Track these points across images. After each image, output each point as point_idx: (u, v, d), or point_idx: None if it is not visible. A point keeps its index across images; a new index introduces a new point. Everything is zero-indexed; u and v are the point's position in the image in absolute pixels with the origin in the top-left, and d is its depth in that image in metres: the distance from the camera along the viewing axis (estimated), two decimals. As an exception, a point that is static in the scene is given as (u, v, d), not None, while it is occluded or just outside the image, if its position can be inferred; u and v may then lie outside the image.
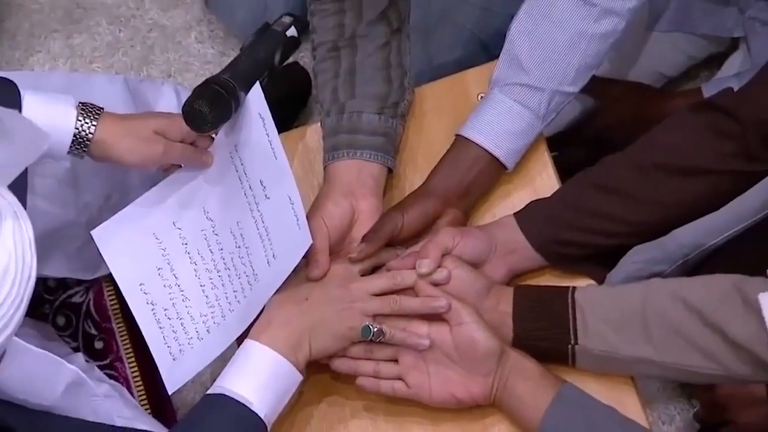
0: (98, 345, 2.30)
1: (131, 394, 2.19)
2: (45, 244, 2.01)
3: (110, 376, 2.18)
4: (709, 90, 2.20)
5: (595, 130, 2.22)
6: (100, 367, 2.21)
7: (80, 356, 2.16)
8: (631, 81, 2.28)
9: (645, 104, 2.23)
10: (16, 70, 2.51)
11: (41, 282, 2.27)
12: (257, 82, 1.79)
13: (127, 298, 1.83)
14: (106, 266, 1.81)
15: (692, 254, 1.93)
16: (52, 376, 1.88)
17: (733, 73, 2.23)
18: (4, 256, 1.33)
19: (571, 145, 2.21)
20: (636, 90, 2.27)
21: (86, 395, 1.92)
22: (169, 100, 2.12)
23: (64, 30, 2.56)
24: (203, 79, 1.78)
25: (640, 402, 1.76)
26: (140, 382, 2.25)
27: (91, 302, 2.32)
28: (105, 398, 1.98)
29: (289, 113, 2.40)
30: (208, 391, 1.71)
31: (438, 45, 2.28)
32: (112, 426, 1.92)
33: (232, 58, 1.85)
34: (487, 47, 2.12)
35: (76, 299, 2.32)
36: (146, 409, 2.15)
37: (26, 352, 1.86)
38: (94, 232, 1.81)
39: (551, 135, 2.15)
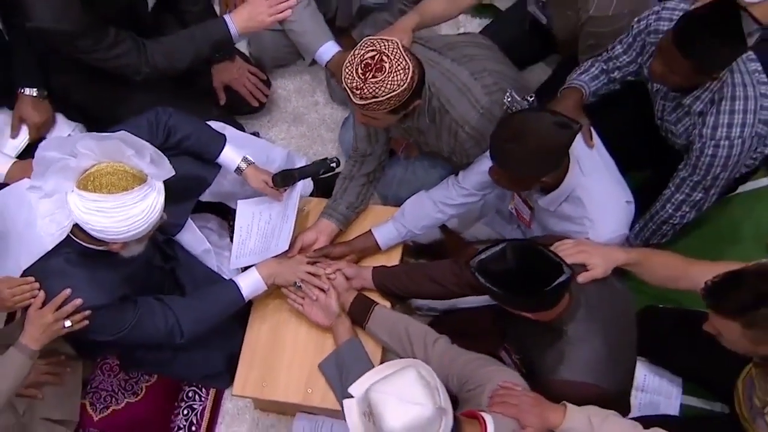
0: (237, 237, 2.26)
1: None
2: (228, 195, 1.92)
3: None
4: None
5: (438, 250, 2.06)
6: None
7: (227, 238, 2.06)
8: (460, 235, 2.11)
9: (459, 248, 2.08)
10: (263, 133, 2.36)
11: (226, 206, 2.04)
12: (305, 179, 1.76)
13: (235, 229, 1.82)
14: None
15: (443, 309, 1.88)
16: (199, 244, 1.86)
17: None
18: (143, 206, 1.32)
19: (427, 251, 2.06)
20: (459, 240, 2.11)
21: (210, 256, 1.88)
22: (301, 164, 2.04)
23: (289, 122, 2.41)
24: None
25: (380, 353, 1.71)
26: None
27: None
28: (221, 256, 1.90)
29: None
30: (228, 279, 1.69)
31: (404, 188, 2.00)
32: (216, 273, 1.85)
33: (332, 158, 1.75)
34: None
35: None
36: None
37: (194, 231, 1.84)
38: (238, 203, 1.80)
39: (424, 244, 2.02)
